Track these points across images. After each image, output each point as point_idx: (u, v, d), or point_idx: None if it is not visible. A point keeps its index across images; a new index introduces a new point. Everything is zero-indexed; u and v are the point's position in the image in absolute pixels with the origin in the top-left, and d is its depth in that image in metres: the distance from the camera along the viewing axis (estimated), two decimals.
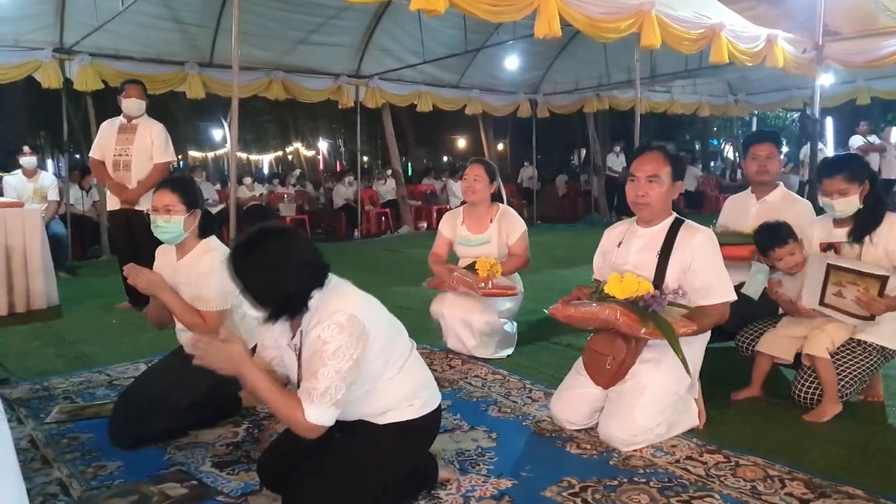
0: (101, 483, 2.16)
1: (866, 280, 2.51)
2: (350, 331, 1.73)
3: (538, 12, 5.51)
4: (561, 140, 21.21)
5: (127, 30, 7.59)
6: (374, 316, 1.87)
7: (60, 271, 6.29)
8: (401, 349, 1.97)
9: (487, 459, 2.30)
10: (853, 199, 2.65)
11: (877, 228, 2.63)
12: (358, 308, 1.80)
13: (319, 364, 1.72)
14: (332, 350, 1.72)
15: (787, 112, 20.23)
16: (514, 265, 3.59)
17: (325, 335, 1.73)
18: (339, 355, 1.72)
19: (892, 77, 10.87)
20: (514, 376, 3.22)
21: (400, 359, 1.94)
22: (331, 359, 1.71)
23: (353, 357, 1.73)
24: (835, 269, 2.60)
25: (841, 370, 2.60)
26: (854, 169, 2.68)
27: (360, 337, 1.76)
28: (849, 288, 2.56)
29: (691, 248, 2.39)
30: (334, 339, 1.72)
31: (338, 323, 1.73)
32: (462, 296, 3.53)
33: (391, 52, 9.78)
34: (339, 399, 1.72)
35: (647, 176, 2.44)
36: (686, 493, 2.03)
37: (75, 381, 3.26)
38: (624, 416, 2.34)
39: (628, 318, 2.22)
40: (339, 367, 1.71)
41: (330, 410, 1.72)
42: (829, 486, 2.04)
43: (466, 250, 3.66)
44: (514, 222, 3.62)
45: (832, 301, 2.61)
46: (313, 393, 1.70)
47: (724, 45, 6.76)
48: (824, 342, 2.62)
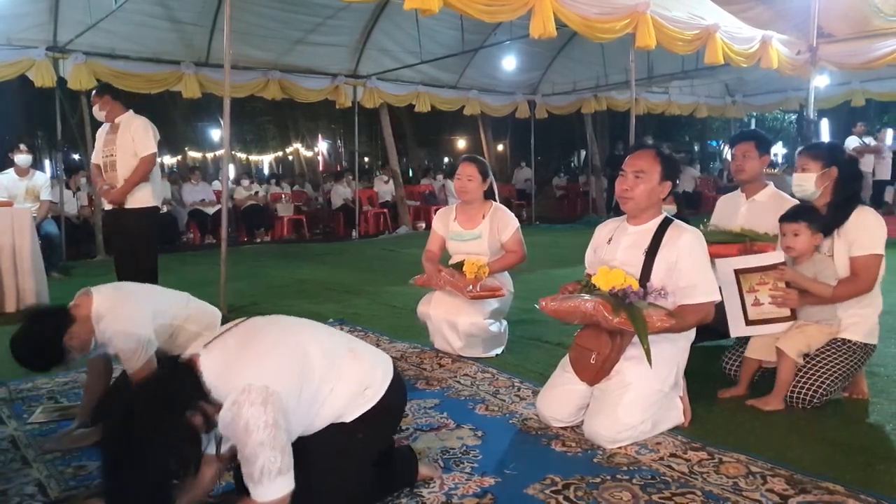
0: (79, 483, 2.15)
1: (770, 274, 2.59)
2: (250, 401, 1.61)
3: (533, 12, 5.52)
4: (560, 141, 21.24)
5: (122, 28, 7.61)
6: (273, 364, 1.73)
7: (53, 271, 6.30)
8: (324, 364, 1.83)
9: (472, 457, 2.30)
10: (811, 177, 2.72)
11: (845, 222, 2.65)
12: (248, 374, 1.66)
13: (241, 446, 1.62)
14: (243, 428, 1.60)
15: (784, 113, 20.24)
16: (511, 261, 3.59)
17: (227, 418, 1.62)
18: (252, 429, 1.59)
19: (886, 79, 10.90)
20: (504, 375, 3.22)
21: (331, 369, 1.84)
22: (246, 437, 1.60)
23: (268, 423, 1.61)
24: (741, 272, 2.67)
25: (825, 368, 2.61)
26: (820, 150, 2.78)
27: (266, 401, 1.62)
28: (762, 291, 2.63)
29: (678, 247, 2.40)
30: (238, 417, 1.60)
31: (233, 401, 1.61)
32: (448, 297, 3.54)
33: (389, 53, 9.80)
34: (280, 466, 1.61)
35: (634, 171, 2.46)
36: (668, 490, 2.03)
37: (60, 381, 3.25)
38: (608, 414, 2.34)
39: (603, 308, 2.23)
40: (260, 440, 1.59)
41: (277, 481, 1.61)
42: (810, 482, 2.04)
43: (458, 245, 3.66)
44: (507, 218, 3.61)
45: (755, 315, 2.67)
46: (252, 477, 1.61)
47: (718, 46, 6.78)
48: (799, 343, 2.64)
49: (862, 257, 2.60)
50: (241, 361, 1.72)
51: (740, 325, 2.72)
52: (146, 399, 1.64)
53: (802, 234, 2.67)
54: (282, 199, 12.22)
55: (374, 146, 21.39)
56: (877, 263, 2.61)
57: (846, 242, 2.64)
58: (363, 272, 7.09)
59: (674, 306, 2.38)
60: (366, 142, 17.73)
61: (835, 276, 2.63)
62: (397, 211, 12.00)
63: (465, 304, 3.48)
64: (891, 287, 5.00)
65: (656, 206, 2.52)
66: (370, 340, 3.96)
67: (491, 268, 3.47)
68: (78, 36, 7.25)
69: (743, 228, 3.17)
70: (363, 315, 4.66)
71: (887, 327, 3.88)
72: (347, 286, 5.99)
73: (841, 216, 2.67)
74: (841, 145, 3.10)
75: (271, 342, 1.81)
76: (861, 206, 2.68)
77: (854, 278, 2.61)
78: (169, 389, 1.65)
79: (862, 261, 2.60)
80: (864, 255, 2.60)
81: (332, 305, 4.97)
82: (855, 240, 2.62)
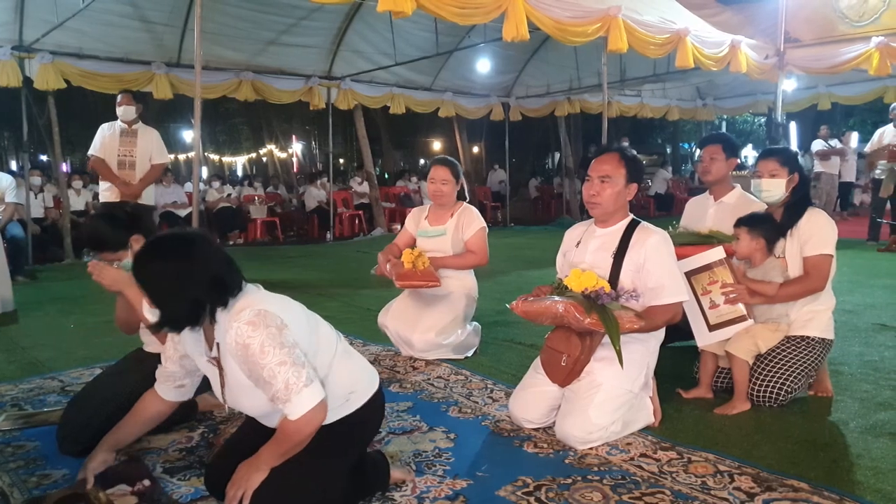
0: (43, 492, 2.09)
1: (717, 271, 2.65)
2: (266, 323, 1.65)
3: (506, 15, 5.56)
4: (535, 143, 21.35)
5: (90, 28, 7.46)
6: (289, 310, 1.79)
7: (19, 275, 6.15)
8: (325, 345, 1.88)
9: (444, 460, 2.30)
10: (781, 183, 2.77)
11: (798, 222, 2.72)
12: (266, 303, 1.72)
13: (258, 370, 1.64)
14: (258, 349, 1.63)
15: (754, 116, 20.65)
16: (468, 261, 3.59)
17: (242, 338, 1.64)
18: (268, 350, 1.63)
19: (851, 83, 11.18)
20: (477, 376, 3.22)
21: (326, 354, 1.86)
22: (263, 358, 1.63)
23: (284, 343, 1.64)
24: (690, 275, 2.72)
25: (788, 365, 2.67)
26: (788, 156, 2.84)
27: (280, 327, 1.67)
28: (714, 291, 2.68)
29: (645, 248, 2.42)
30: (252, 338, 1.63)
31: (248, 321, 1.65)
32: (404, 308, 3.58)
33: (363, 54, 9.77)
34: (304, 379, 1.64)
35: (600, 176, 2.48)
36: (638, 489, 2.05)
37: (25, 388, 3.17)
38: (579, 415, 2.36)
39: (574, 309, 2.24)
40: (280, 359, 1.63)
41: (304, 393, 1.63)
42: (776, 479, 2.07)
43: (424, 242, 3.67)
44: (473, 218, 3.63)
45: (714, 318, 2.71)
46: (279, 396, 1.63)
47: (689, 50, 6.89)
48: (747, 343, 2.70)
49: (813, 257, 2.67)
50: (259, 295, 1.79)
51: (704, 332, 2.76)
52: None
53: (743, 239, 2.78)
54: (255, 200, 12.08)
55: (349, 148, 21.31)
56: (827, 263, 2.69)
57: (798, 242, 2.71)
58: (337, 275, 7.05)
59: (642, 308, 2.41)
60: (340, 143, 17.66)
61: (782, 277, 2.70)
62: (372, 213, 11.95)
63: (420, 318, 3.48)
64: (851, 287, 5.18)
65: (623, 208, 2.55)
66: None
67: (442, 262, 3.49)
68: (44, 35, 7.09)
69: (711, 230, 3.21)
70: (337, 318, 4.63)
71: (850, 326, 3.99)
72: (321, 289, 5.95)
73: (794, 217, 2.74)
74: (794, 151, 3.17)
75: (293, 302, 1.86)
76: (812, 208, 2.76)
77: (806, 277, 2.68)
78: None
79: (813, 260, 2.67)
80: (815, 255, 2.67)
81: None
82: (807, 240, 2.69)
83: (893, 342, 3.67)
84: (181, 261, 1.70)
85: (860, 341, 3.70)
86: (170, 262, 1.70)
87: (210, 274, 1.70)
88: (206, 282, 1.70)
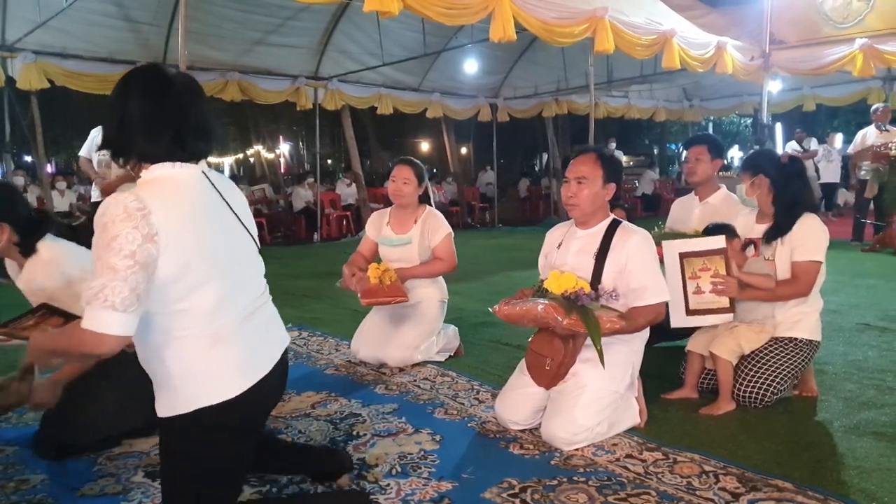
0: (21, 498, 2.06)
1: (713, 259, 2.65)
2: (136, 222, 1.41)
3: (493, 16, 5.57)
4: (523, 144, 21.41)
5: (74, 27, 7.38)
6: (191, 223, 1.51)
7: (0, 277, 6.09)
8: (227, 289, 1.57)
9: (430, 462, 2.28)
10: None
11: (791, 228, 2.71)
12: (159, 202, 1.46)
13: (94, 255, 1.43)
14: (109, 238, 1.40)
15: (740, 117, 20.81)
16: (436, 268, 3.48)
17: (108, 215, 1.42)
18: (115, 247, 1.39)
19: (835, 84, 11.31)
20: (463, 378, 3.21)
21: (224, 303, 1.56)
22: (104, 250, 1.41)
23: (133, 254, 1.40)
24: (685, 256, 2.70)
25: (775, 366, 2.67)
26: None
27: (149, 237, 1.42)
28: (703, 278, 2.67)
29: (626, 249, 2.42)
30: (114, 224, 1.40)
31: (124, 204, 1.42)
32: (374, 332, 3.49)
33: (350, 54, 9.74)
34: (119, 301, 1.38)
35: (577, 177, 2.48)
36: (624, 490, 2.05)
37: None
38: (565, 416, 2.35)
39: (553, 311, 2.23)
40: (113, 264, 1.39)
41: (106, 314, 1.38)
42: (761, 479, 2.08)
43: (388, 251, 3.53)
44: (439, 224, 3.49)
45: (695, 304, 2.69)
46: (86, 296, 1.39)
47: (675, 51, 6.93)
48: (730, 343, 2.70)
49: (803, 262, 2.67)
50: (164, 195, 1.53)
51: (681, 314, 2.73)
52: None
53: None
54: None
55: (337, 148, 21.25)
56: (816, 269, 2.68)
57: (789, 247, 2.71)
58: (324, 276, 7.01)
59: (625, 308, 2.41)
60: (328, 144, 17.60)
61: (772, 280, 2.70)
62: (360, 214, 11.91)
63: (392, 336, 3.41)
64: (835, 287, 5.21)
65: (603, 208, 2.54)
66: (330, 345, 3.91)
67: (410, 272, 3.38)
68: (27, 34, 7.00)
69: (696, 230, 3.23)
70: (323, 319, 4.60)
71: (834, 326, 4.02)
72: (308, 290, 5.91)
73: (787, 223, 2.72)
74: (770, 153, 3.17)
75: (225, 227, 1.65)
76: (806, 214, 2.74)
77: (794, 281, 2.68)
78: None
79: (803, 266, 2.67)
80: (804, 261, 2.67)
81: (292, 310, 4.89)
82: (798, 245, 2.69)
83: (877, 341, 3.70)
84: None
85: (844, 341, 3.72)
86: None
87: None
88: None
